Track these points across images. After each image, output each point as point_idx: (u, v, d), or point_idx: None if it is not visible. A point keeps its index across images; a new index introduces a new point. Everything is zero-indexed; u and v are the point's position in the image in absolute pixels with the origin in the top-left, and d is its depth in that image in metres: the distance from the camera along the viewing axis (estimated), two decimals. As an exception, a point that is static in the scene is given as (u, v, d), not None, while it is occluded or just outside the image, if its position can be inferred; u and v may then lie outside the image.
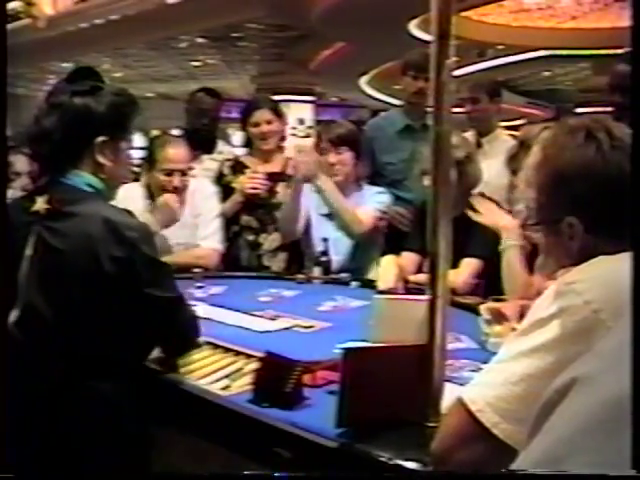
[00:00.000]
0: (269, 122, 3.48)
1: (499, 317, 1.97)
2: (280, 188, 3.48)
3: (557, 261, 1.30)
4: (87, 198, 1.75)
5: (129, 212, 1.79)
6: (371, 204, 3.20)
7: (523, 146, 2.43)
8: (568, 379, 0.69)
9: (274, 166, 3.54)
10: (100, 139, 1.77)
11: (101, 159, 1.78)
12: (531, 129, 2.54)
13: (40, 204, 1.73)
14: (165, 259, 1.93)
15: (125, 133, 1.86)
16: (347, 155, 3.13)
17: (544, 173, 1.26)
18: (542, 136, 1.32)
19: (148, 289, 1.73)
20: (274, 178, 3.48)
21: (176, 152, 3.07)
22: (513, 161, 2.82)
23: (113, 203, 1.86)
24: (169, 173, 3.04)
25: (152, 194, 3.11)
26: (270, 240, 3.44)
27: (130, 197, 2.87)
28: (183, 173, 3.07)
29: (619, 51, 4.11)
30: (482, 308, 2.04)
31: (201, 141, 4.11)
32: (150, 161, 3.09)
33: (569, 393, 0.68)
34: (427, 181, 1.44)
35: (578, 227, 1.22)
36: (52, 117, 1.75)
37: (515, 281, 2.31)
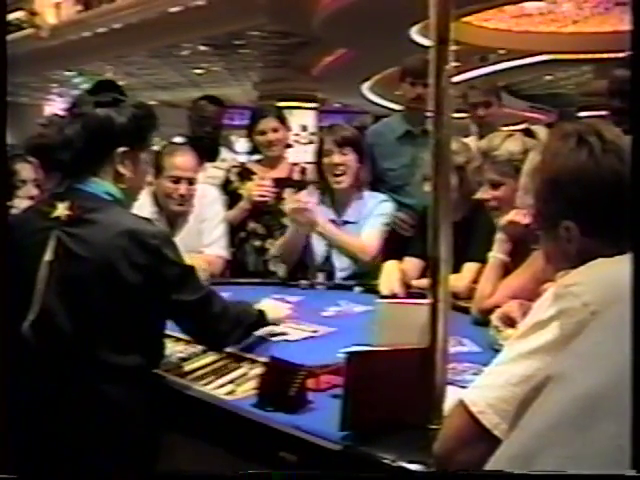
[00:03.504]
0: (275, 130, 3.51)
1: (509, 321, 1.99)
2: (286, 194, 3.50)
3: (557, 265, 1.31)
4: (107, 206, 1.78)
5: (149, 220, 1.84)
6: (375, 221, 3.17)
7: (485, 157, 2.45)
8: (543, 377, 0.72)
9: (280, 172, 3.56)
10: (121, 149, 1.81)
11: (121, 169, 1.82)
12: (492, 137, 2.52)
13: (61, 210, 1.75)
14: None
15: (144, 144, 1.90)
16: (351, 156, 3.13)
17: (539, 179, 1.28)
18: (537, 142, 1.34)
19: (176, 295, 1.77)
20: (280, 184, 3.50)
21: (184, 160, 3.08)
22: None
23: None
24: (176, 181, 3.05)
25: (159, 202, 3.13)
26: (276, 246, 3.45)
27: (137, 205, 2.87)
28: (190, 182, 3.08)
29: (621, 55, 4.12)
30: (492, 318, 2.06)
31: (204, 149, 4.11)
32: (157, 168, 3.09)
33: (544, 390, 0.71)
34: (428, 187, 1.45)
35: (575, 231, 1.23)
36: (75, 126, 1.79)
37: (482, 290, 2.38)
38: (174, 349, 2.03)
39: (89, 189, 1.79)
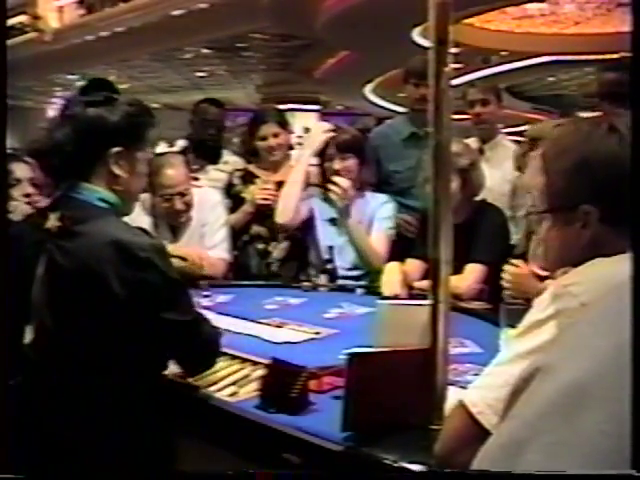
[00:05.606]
0: (276, 135, 3.51)
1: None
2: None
3: (561, 252, 1.30)
4: (98, 216, 1.70)
5: (142, 230, 1.75)
6: (381, 225, 3.18)
7: (535, 142, 2.45)
8: (532, 368, 0.74)
9: (283, 175, 3.55)
10: (115, 149, 1.72)
11: (117, 170, 1.73)
12: (543, 126, 2.54)
13: (52, 221, 1.68)
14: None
15: (140, 143, 1.80)
16: (352, 162, 3.15)
17: (567, 159, 1.26)
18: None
19: (164, 313, 1.67)
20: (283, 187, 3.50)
21: (171, 175, 3.05)
22: (522, 158, 2.86)
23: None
24: (168, 199, 3.06)
25: (159, 213, 3.13)
26: (279, 249, 3.46)
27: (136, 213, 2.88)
28: (183, 194, 3.08)
29: (624, 55, 4.11)
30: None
31: (206, 151, 4.14)
32: (152, 186, 3.05)
33: (532, 381, 0.73)
34: (429, 188, 1.46)
35: (594, 215, 1.22)
36: (65, 129, 1.70)
37: None
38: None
39: (81, 197, 1.71)
